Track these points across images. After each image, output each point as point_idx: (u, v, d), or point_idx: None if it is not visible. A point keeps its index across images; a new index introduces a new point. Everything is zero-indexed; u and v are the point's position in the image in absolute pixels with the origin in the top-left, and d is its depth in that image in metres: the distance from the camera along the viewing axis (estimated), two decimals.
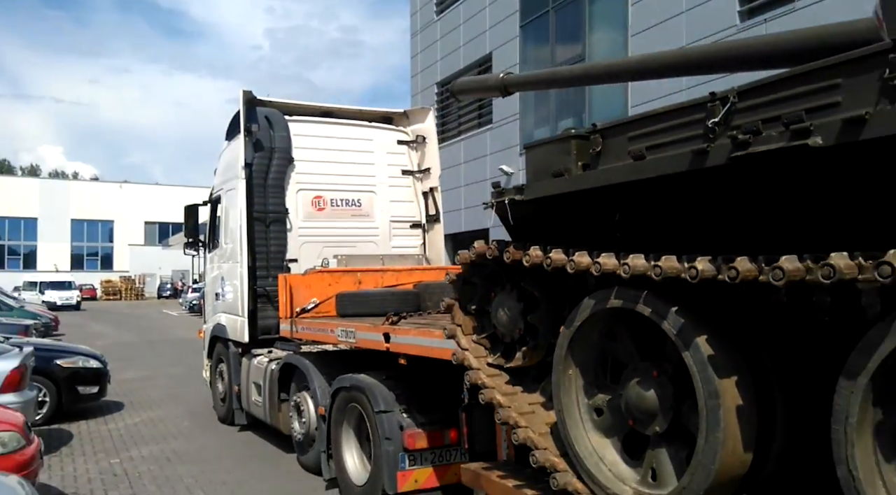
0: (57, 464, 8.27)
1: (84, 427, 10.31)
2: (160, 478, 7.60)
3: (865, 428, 2.27)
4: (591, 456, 3.34)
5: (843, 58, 2.22)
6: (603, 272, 3.07)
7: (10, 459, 5.60)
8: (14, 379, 8.20)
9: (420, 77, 30.33)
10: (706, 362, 2.72)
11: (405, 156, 9.60)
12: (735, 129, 2.47)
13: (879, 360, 2.19)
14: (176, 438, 9.41)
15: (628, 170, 2.92)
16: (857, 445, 2.27)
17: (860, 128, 2.11)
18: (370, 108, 9.80)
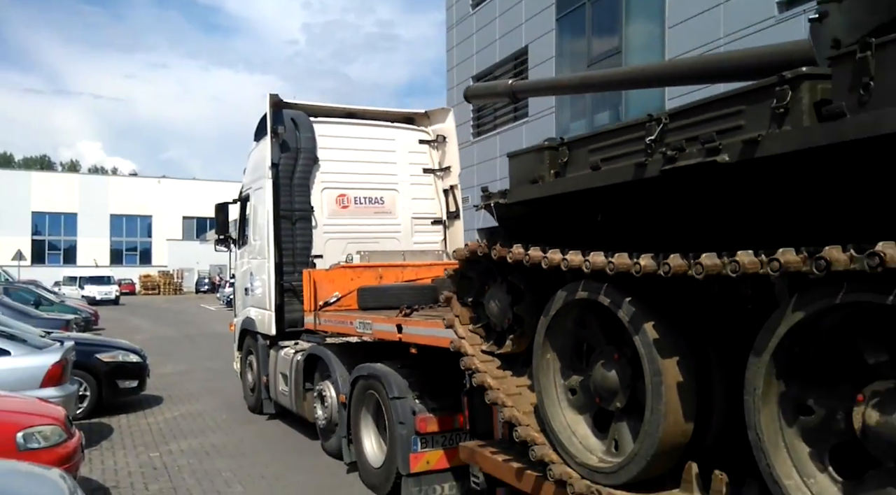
0: (98, 458, 8.57)
1: (124, 421, 10.63)
2: (199, 472, 7.86)
3: (770, 398, 2.75)
4: (565, 430, 3.84)
5: (745, 88, 2.70)
6: (570, 267, 3.57)
7: (52, 452, 5.77)
8: (55, 374, 8.41)
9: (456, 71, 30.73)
10: (651, 345, 3.21)
11: (426, 155, 10.14)
12: (666, 146, 2.96)
13: (777, 340, 2.67)
14: (214, 432, 9.71)
15: (587, 178, 3.43)
16: (763, 412, 2.75)
17: (755, 148, 2.59)
18: (392, 109, 10.37)
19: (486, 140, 26.56)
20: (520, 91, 6.09)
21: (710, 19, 16.22)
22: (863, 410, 2.48)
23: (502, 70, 26.88)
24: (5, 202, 58.88)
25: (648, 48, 18.74)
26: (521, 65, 25.50)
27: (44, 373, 8.30)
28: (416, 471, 6.12)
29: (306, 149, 9.32)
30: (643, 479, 3.39)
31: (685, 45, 16.69)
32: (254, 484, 7.38)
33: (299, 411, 8.59)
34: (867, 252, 2.25)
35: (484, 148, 25.94)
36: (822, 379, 2.69)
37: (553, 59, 23.13)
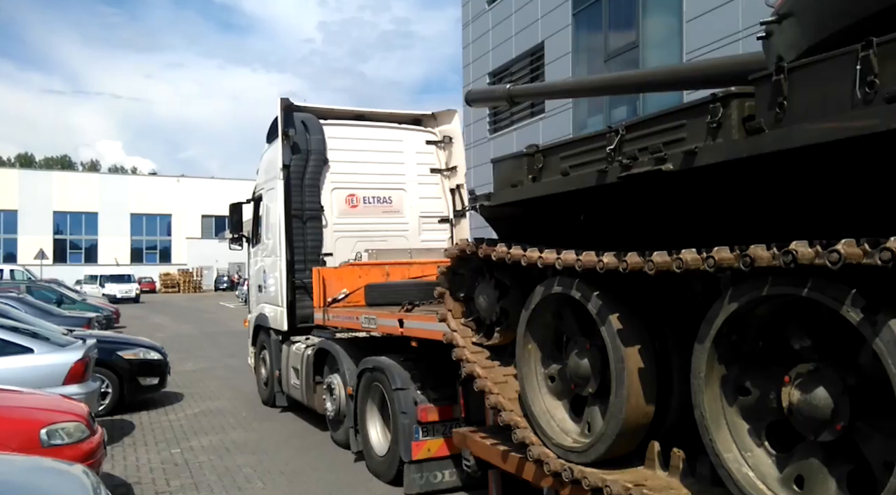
0: (120, 454, 8.72)
1: (145, 417, 10.79)
2: (220, 468, 8.00)
3: (712, 381, 3.11)
4: (544, 414, 4.21)
5: (687, 104, 3.05)
6: (546, 264, 3.94)
7: (74, 449, 5.87)
8: (78, 371, 8.50)
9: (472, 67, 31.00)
10: (615, 335, 3.58)
11: (433, 155, 10.51)
12: (622, 155, 3.32)
13: (716, 329, 3.03)
14: (234, 428, 9.87)
15: (558, 183, 3.80)
16: (706, 394, 3.11)
17: (693, 158, 2.94)
18: (400, 111, 10.76)
19: (503, 136, 26.81)
20: (516, 95, 6.49)
21: (729, 13, 16.29)
22: (789, 390, 2.83)
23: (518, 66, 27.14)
24: (27, 202, 60.18)
25: (666, 43, 18.78)
26: (537, 61, 25.71)
27: (66, 371, 8.40)
28: (418, 459, 6.51)
29: (316, 150, 9.72)
30: (611, 457, 3.75)
31: (703, 39, 16.77)
32: (274, 480, 7.53)
33: (310, 403, 9.02)
34: (783, 250, 2.60)
35: (501, 144, 26.20)
36: (757, 363, 3.04)
37: (569, 55, 23.25)
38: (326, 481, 7.42)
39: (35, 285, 27.69)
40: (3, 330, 8.88)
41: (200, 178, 69.80)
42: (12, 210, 60.75)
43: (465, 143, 30.85)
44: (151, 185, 67.51)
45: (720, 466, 3.07)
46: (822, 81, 2.49)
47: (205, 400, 12.03)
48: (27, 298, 19.26)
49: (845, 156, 2.51)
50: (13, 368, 8.17)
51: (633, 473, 3.66)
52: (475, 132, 29.52)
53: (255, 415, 10.62)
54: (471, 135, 30.18)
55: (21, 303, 16.59)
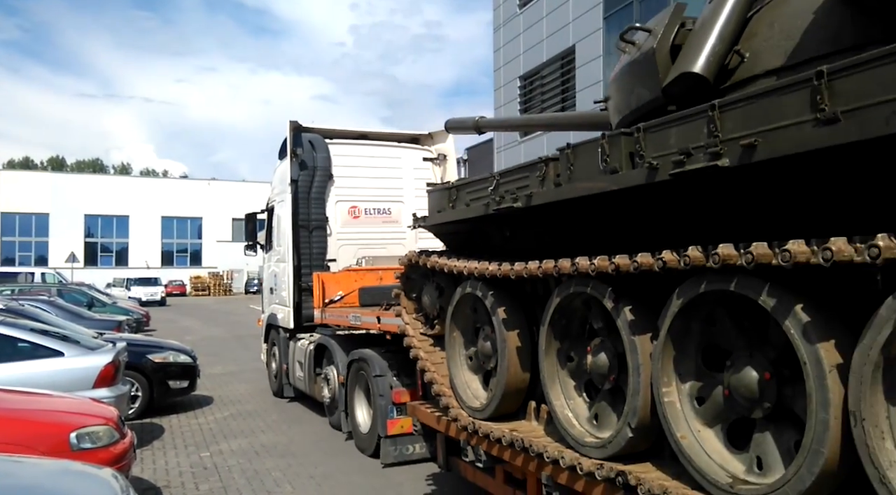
0: (149, 458, 9.11)
1: (175, 421, 11.34)
2: (249, 472, 8.47)
3: (550, 352, 4.68)
4: (463, 385, 5.80)
5: (528, 162, 4.62)
6: (460, 271, 5.52)
7: (104, 452, 6.13)
8: (108, 374, 8.87)
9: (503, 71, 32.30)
10: (501, 322, 5.14)
11: (430, 170, 12.14)
12: (496, 194, 4.90)
13: (549, 315, 4.59)
14: (264, 432, 10.43)
15: (462, 211, 5.39)
16: (546, 361, 4.68)
17: (531, 198, 4.51)
18: (399, 131, 12.43)
19: (533, 140, 28.03)
20: (482, 126, 8.13)
21: None
22: (589, 357, 4.39)
23: (549, 69, 28.46)
24: (58, 205, 62.98)
25: None
26: (568, 64, 26.95)
27: (96, 374, 8.76)
28: (393, 434, 8.15)
29: (322, 167, 11.41)
30: (501, 413, 5.32)
31: None
32: (303, 483, 8.00)
33: (311, 393, 10.72)
34: (578, 260, 4.15)
35: (531, 148, 27.40)
36: (576, 338, 4.60)
37: (601, 58, 24.46)
38: (356, 485, 7.93)
39: (66, 288, 29.31)
40: (34, 333, 9.36)
41: (231, 182, 72.12)
42: (44, 213, 63.37)
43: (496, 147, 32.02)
44: (182, 189, 70.06)
45: (553, 411, 4.64)
46: (585, 155, 4.05)
47: (234, 404, 12.69)
48: (58, 301, 20.28)
49: (603, 204, 4.05)
50: (43, 371, 8.57)
51: (513, 423, 5.23)
52: (507, 136, 30.97)
53: (284, 419, 11.25)
54: (502, 139, 31.69)
55: (52, 306, 17.65)
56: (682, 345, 3.65)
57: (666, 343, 3.63)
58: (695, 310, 3.54)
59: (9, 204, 62.14)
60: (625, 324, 3.92)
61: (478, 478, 6.04)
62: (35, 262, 60.38)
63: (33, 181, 65.35)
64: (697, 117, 3.27)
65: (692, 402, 3.67)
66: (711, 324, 3.59)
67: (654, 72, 4.11)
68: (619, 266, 3.80)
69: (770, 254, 2.90)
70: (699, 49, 3.83)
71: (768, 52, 3.62)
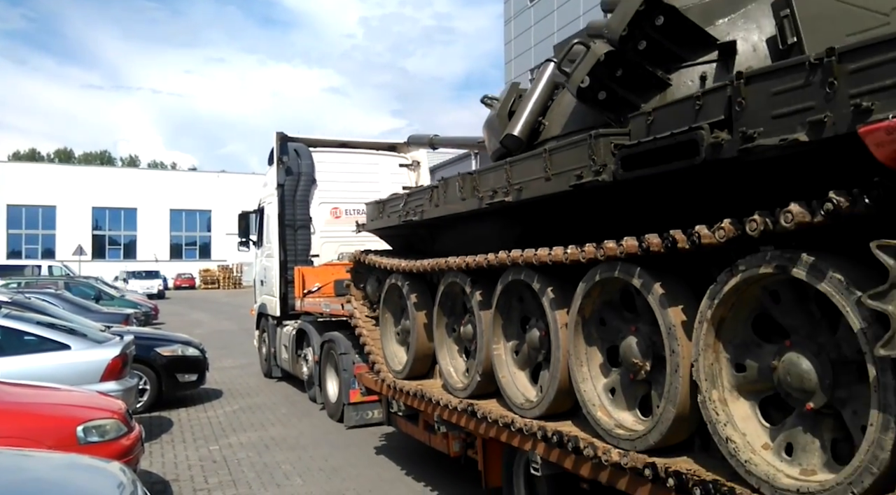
0: (158, 451, 9.41)
1: (184, 414, 11.80)
2: (258, 465, 8.82)
3: (440, 325, 6.75)
4: (392, 355, 7.89)
5: (431, 185, 6.69)
6: (386, 267, 7.59)
7: (112, 446, 6.33)
8: (116, 368, 9.15)
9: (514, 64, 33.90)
10: (413, 306, 7.21)
11: (405, 175, 14.21)
12: (407, 208, 6.97)
13: (439, 296, 6.66)
14: (273, 425, 10.92)
15: (385, 221, 7.48)
16: (437, 332, 6.76)
17: (426, 213, 6.58)
18: (377, 141, 14.54)
19: None
20: (436, 143, 10.20)
21: None
22: (462, 329, 6.45)
23: None
24: (66, 198, 64.78)
25: None
26: None
27: (104, 367, 9.04)
28: (354, 402, 10.27)
29: (306, 172, 13.52)
30: (416, 374, 7.39)
31: None
32: (313, 476, 8.40)
33: (294, 372, 12.89)
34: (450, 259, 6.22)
35: None
36: (457, 315, 6.67)
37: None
38: (366, 477, 8.36)
39: (73, 281, 30.41)
40: (41, 326, 9.67)
41: (241, 174, 74.05)
42: (51, 206, 65.09)
43: None
44: (191, 181, 72.00)
45: (441, 368, 6.73)
46: (451, 186, 6.13)
47: (243, 397, 13.29)
48: (65, 294, 21.11)
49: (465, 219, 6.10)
50: (50, 365, 8.88)
51: (422, 381, 7.30)
52: None
53: (294, 412, 11.86)
54: None
55: (59, 299, 18.48)
56: (508, 315, 5.73)
57: (496, 318, 5.70)
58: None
59: (15, 196, 63.81)
60: (476, 304, 6.00)
61: (408, 429, 8.15)
62: (42, 255, 62.23)
63: (40, 173, 67.13)
64: (499, 167, 5.34)
65: (513, 355, 5.73)
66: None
67: (497, 129, 6.17)
68: (468, 264, 5.87)
69: (635, 245, 4.54)
70: (519, 118, 5.88)
71: (554, 124, 5.66)
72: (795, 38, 4.19)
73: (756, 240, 3.37)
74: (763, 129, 3.27)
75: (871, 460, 2.95)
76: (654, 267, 4.12)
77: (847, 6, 4.31)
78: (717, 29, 4.68)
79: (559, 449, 4.89)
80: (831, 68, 2.97)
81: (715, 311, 3.69)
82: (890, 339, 2.78)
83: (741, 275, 3.52)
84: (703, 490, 3.66)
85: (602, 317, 4.75)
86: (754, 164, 3.43)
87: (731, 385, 3.76)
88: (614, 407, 4.65)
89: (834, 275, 3.05)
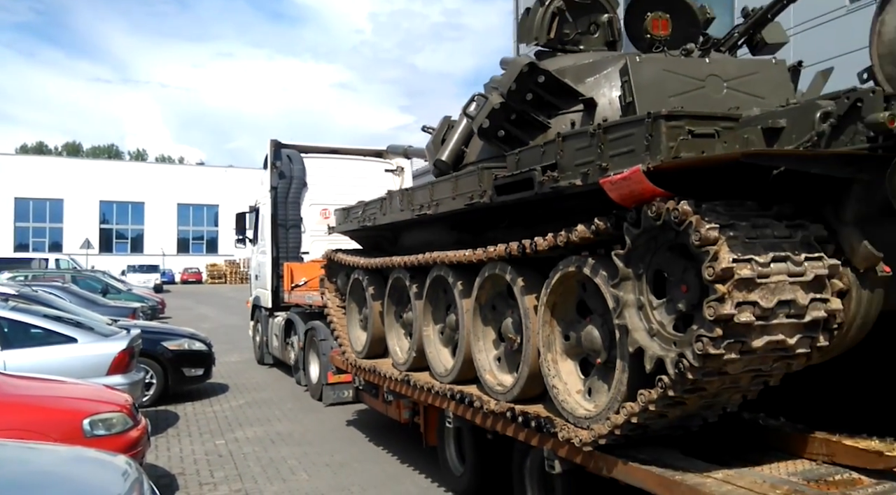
0: (164, 445, 9.64)
1: (190, 408, 12.11)
2: (264, 459, 9.03)
3: (390, 313, 8.49)
4: (355, 338, 9.65)
5: (378, 199, 8.45)
6: (350, 264, 9.34)
7: (118, 439, 6.42)
8: (122, 361, 9.31)
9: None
10: (370, 296, 8.94)
11: (390, 179, 15.95)
12: (364, 215, 8.73)
13: (388, 288, 8.41)
14: (280, 420, 11.27)
15: (348, 225, 9.25)
16: (387, 318, 8.51)
17: (374, 220, 8.33)
18: (365, 148, 16.31)
19: None
20: (410, 154, 11.93)
21: None
22: (405, 315, 8.19)
23: None
24: (74, 191, 66.89)
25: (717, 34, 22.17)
26: None
27: (110, 361, 9.20)
28: (332, 382, 12.03)
29: (298, 177, 15.30)
30: (373, 354, 9.12)
31: None
32: (318, 471, 8.62)
33: (283, 358, 14.72)
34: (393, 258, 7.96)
35: None
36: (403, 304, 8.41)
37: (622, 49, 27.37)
38: (371, 473, 8.59)
39: (80, 274, 31.34)
40: (47, 319, 9.82)
41: (249, 169, 75.63)
42: (58, 199, 67.31)
43: None
44: (199, 175, 74.00)
45: (390, 348, 8.46)
46: (394, 198, 7.88)
47: (249, 392, 13.72)
48: (72, 288, 21.63)
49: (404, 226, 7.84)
50: (57, 358, 9.06)
51: (377, 360, 9.01)
52: None
53: (300, 407, 12.32)
54: None
55: (66, 292, 18.91)
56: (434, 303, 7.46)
57: (426, 305, 7.43)
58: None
59: (23, 189, 65.80)
60: (412, 295, 7.73)
61: (370, 402, 9.95)
62: (49, 248, 64.40)
63: (48, 166, 69.22)
64: (425, 187, 7.07)
65: (439, 336, 7.46)
66: None
67: (432, 153, 7.90)
68: (406, 263, 7.60)
69: (515, 247, 6.51)
70: (447, 146, 7.57)
71: (471, 153, 7.37)
72: (632, 97, 5.85)
73: (568, 248, 5.09)
74: (569, 173, 4.99)
75: (616, 394, 4.68)
76: (520, 265, 5.84)
77: (671, 74, 5.95)
78: (584, 86, 6.35)
79: (462, 405, 6.63)
80: (600, 137, 4.68)
81: (549, 298, 5.42)
82: (620, 312, 4.49)
83: (560, 273, 5.25)
84: (536, 422, 5.42)
85: (494, 303, 6.47)
86: (568, 196, 5.14)
87: (561, 350, 5.49)
88: (499, 371, 6.38)
89: (602, 273, 4.77)
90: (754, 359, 3.97)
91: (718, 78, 5.89)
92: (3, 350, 8.95)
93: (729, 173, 4.00)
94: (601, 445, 4.78)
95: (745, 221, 3.89)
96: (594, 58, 6.62)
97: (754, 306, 3.73)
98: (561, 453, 5.25)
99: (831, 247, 4.04)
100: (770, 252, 3.80)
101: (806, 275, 3.84)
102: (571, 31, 7.27)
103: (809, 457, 4.57)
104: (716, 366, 3.91)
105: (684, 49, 6.13)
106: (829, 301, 3.95)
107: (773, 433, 4.89)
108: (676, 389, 4.10)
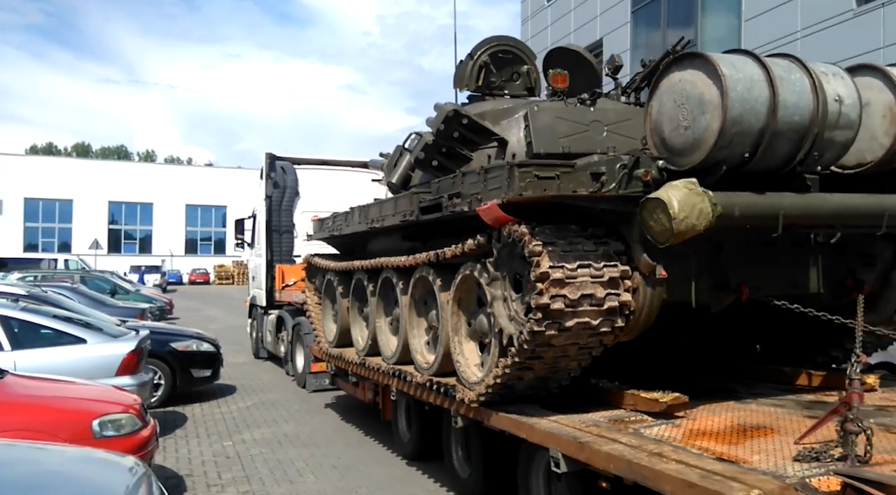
0: (172, 446, 9.75)
1: (198, 409, 12.35)
2: (272, 461, 9.17)
3: (353, 308, 10.40)
4: (328, 330, 11.54)
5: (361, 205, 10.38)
6: (325, 267, 11.25)
7: (126, 440, 6.48)
8: (131, 362, 9.43)
9: None
10: (339, 294, 10.84)
11: (376, 189, 17.82)
12: (333, 225, 10.65)
13: (351, 287, 10.32)
14: (287, 422, 11.51)
15: (322, 234, 11.16)
16: (351, 313, 10.41)
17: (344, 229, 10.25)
18: (353, 160, 18.19)
19: None
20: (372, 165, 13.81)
21: (788, 12, 19.17)
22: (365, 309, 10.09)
23: None
24: (82, 192, 68.48)
25: (724, 41, 21.26)
26: (595, 57, 30.99)
27: (119, 362, 9.30)
28: (315, 371, 13.91)
29: (291, 186, 17.24)
30: (342, 344, 11.01)
31: (762, 37, 19.25)
32: (326, 474, 8.74)
33: (275, 352, 16.72)
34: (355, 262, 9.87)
35: None
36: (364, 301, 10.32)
37: (628, 52, 26.66)
38: (378, 476, 8.72)
39: (89, 275, 31.76)
40: (57, 320, 9.98)
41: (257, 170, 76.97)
42: (67, 199, 68.84)
43: None
44: (208, 176, 75.43)
45: (354, 338, 10.36)
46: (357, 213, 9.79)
47: (257, 393, 14.05)
48: (81, 288, 21.95)
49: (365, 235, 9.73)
50: (66, 359, 9.17)
51: (345, 349, 10.88)
52: None
53: (307, 409, 12.57)
54: None
55: (75, 292, 19.16)
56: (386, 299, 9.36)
57: (378, 301, 9.32)
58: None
59: (32, 190, 67.25)
60: (369, 293, 9.62)
61: (343, 386, 11.84)
62: (58, 249, 65.84)
63: (57, 167, 70.86)
64: (376, 204, 8.97)
65: (389, 326, 9.33)
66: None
67: (387, 175, 9.79)
68: (363, 266, 9.49)
69: (433, 254, 8.42)
70: (398, 170, 9.43)
71: (415, 177, 9.20)
72: (531, 138, 7.65)
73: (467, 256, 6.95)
74: (466, 201, 6.85)
75: (491, 364, 6.58)
76: (439, 269, 7.72)
77: (562, 120, 7.76)
78: (500, 127, 8.13)
79: (401, 381, 8.51)
80: (483, 176, 6.54)
81: (455, 294, 7.31)
82: (491, 303, 6.38)
83: (461, 275, 7.13)
84: (444, 388, 7.32)
85: (425, 299, 8.35)
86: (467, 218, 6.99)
87: (466, 334, 7.36)
88: (428, 353, 8.25)
89: (483, 275, 6.65)
90: (571, 335, 5.84)
91: (600, 123, 7.62)
92: (13, 350, 9.11)
93: (565, 205, 5.87)
94: (482, 402, 6.66)
95: (563, 239, 5.77)
96: (508, 104, 8.41)
97: (564, 298, 5.61)
98: (461, 411, 7.11)
99: (625, 257, 5.91)
100: (578, 261, 5.68)
101: (603, 277, 5.72)
102: (497, 79, 9.14)
103: (623, 407, 6.45)
104: (543, 340, 5.78)
105: (579, 98, 7.74)
106: (621, 295, 5.82)
107: (605, 392, 6.76)
108: (521, 356, 5.97)
